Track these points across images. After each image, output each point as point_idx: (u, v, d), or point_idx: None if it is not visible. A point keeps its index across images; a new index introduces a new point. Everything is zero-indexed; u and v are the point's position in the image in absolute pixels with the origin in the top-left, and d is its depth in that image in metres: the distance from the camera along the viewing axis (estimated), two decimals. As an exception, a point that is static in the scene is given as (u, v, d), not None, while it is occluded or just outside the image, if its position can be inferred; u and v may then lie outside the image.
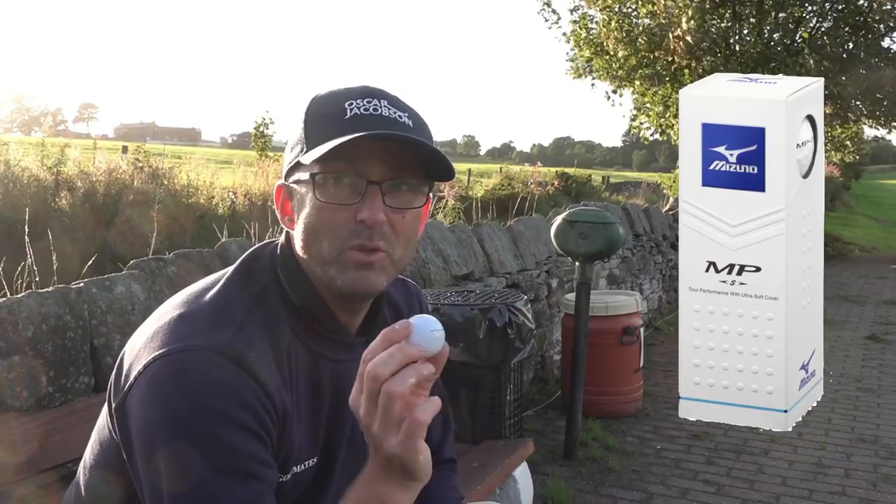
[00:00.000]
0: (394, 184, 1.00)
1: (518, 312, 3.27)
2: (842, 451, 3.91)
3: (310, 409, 1.06)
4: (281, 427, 0.99)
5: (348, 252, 0.99)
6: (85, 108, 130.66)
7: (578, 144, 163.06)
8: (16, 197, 6.16)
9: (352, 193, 0.98)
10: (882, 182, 42.58)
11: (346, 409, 1.08)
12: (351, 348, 1.09)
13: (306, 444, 1.06)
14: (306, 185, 1.00)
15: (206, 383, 0.92)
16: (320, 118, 1.01)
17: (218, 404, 0.91)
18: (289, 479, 1.04)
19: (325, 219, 0.99)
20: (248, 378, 0.94)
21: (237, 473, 0.92)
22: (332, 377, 1.08)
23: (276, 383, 0.98)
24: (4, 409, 1.86)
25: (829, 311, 7.98)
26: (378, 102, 1.00)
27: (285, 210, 1.06)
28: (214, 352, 0.94)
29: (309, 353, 1.05)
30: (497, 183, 14.18)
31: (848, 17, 13.62)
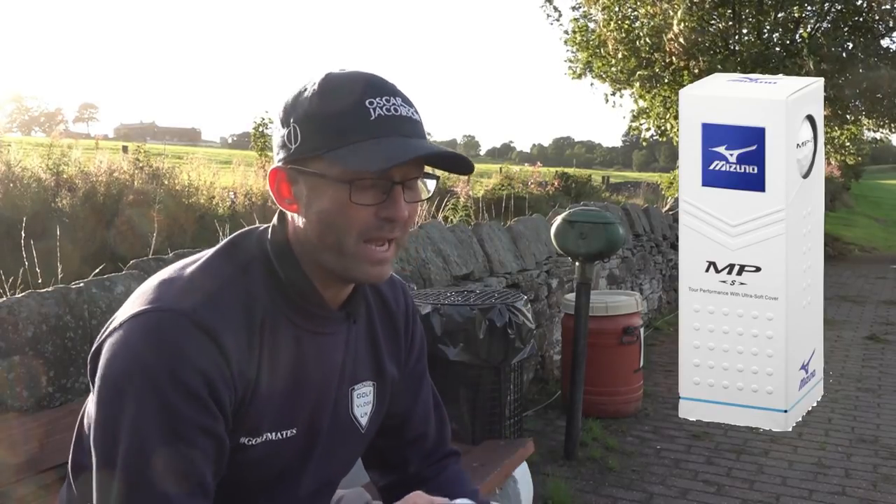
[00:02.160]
0: (410, 182, 1.06)
1: (518, 312, 3.27)
2: (842, 451, 3.91)
3: (289, 379, 1.09)
4: (242, 392, 1.03)
5: (363, 246, 1.05)
6: (85, 108, 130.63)
7: (578, 144, 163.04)
8: (16, 197, 6.16)
9: (378, 195, 1.03)
10: (882, 182, 42.60)
11: (331, 382, 1.14)
12: (333, 322, 1.15)
13: (283, 413, 1.09)
14: (329, 181, 1.03)
15: (164, 343, 0.98)
16: (341, 114, 1.02)
17: (171, 364, 0.97)
18: (259, 443, 1.07)
19: (350, 216, 1.03)
20: (207, 341, 0.99)
21: (172, 434, 0.97)
22: (317, 350, 1.13)
23: (239, 350, 1.02)
24: (4, 409, 1.86)
25: (829, 311, 7.98)
26: (395, 101, 1.04)
27: (283, 192, 1.08)
28: (179, 313, 0.99)
29: (291, 326, 1.10)
30: (497, 183, 14.17)
31: (847, 18, 13.62)
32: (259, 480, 1.11)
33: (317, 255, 1.07)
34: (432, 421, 1.37)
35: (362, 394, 1.21)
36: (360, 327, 1.21)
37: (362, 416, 1.21)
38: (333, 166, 1.02)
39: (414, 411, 1.33)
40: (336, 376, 1.16)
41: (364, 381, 1.21)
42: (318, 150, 1.02)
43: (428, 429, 1.35)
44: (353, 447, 1.23)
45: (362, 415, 1.21)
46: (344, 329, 1.17)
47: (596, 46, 14.03)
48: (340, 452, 1.21)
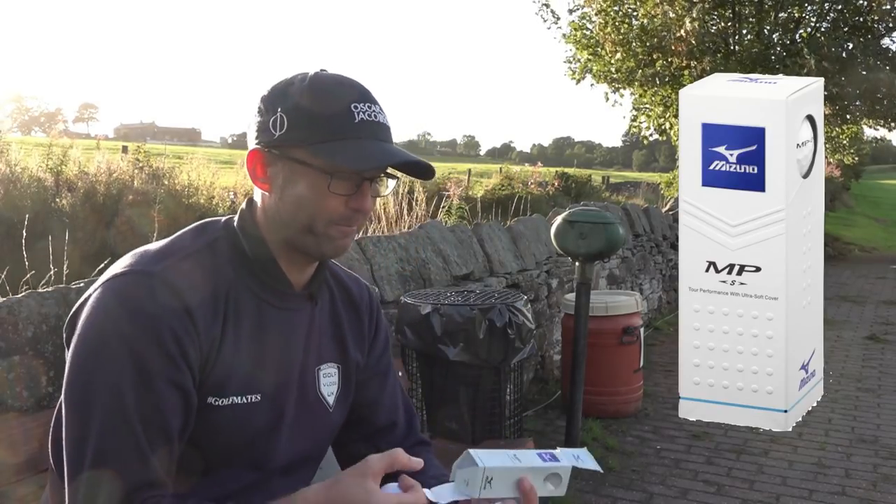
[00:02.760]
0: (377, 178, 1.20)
1: (518, 312, 3.27)
2: (842, 451, 3.91)
3: (251, 347, 1.18)
4: (207, 350, 1.12)
5: (333, 227, 1.16)
6: (85, 108, 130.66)
7: (578, 144, 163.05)
8: (16, 197, 6.16)
9: (350, 186, 1.15)
10: (882, 182, 42.57)
11: (295, 357, 1.23)
12: (294, 299, 1.24)
13: (247, 378, 1.17)
14: (308, 168, 1.14)
15: (135, 301, 1.07)
16: (329, 116, 1.14)
17: (141, 320, 1.06)
18: (228, 405, 1.14)
19: (322, 203, 1.15)
20: (174, 299, 1.09)
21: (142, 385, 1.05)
22: (278, 322, 1.22)
23: (204, 311, 1.12)
24: (4, 409, 1.86)
25: (829, 311, 7.98)
26: (375, 108, 1.17)
27: (258, 172, 1.18)
28: (148, 275, 1.09)
29: (254, 298, 1.19)
30: (497, 183, 14.17)
31: (847, 18, 13.62)
32: (232, 444, 1.16)
33: (285, 232, 1.18)
34: (401, 411, 1.43)
35: (328, 374, 1.30)
36: (324, 312, 1.31)
37: (329, 396, 1.29)
38: (317, 157, 1.13)
39: (381, 401, 1.40)
40: (300, 352, 1.25)
41: (329, 362, 1.30)
42: (304, 140, 1.13)
43: (397, 418, 1.42)
44: (323, 425, 1.30)
45: (329, 394, 1.29)
46: (307, 308, 1.26)
47: (594, 46, 14.04)
48: (311, 429, 1.27)
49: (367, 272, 3.49)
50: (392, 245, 3.78)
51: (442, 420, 3.26)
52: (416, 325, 3.15)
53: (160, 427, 1.06)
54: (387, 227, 5.53)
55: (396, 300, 3.46)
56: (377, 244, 3.68)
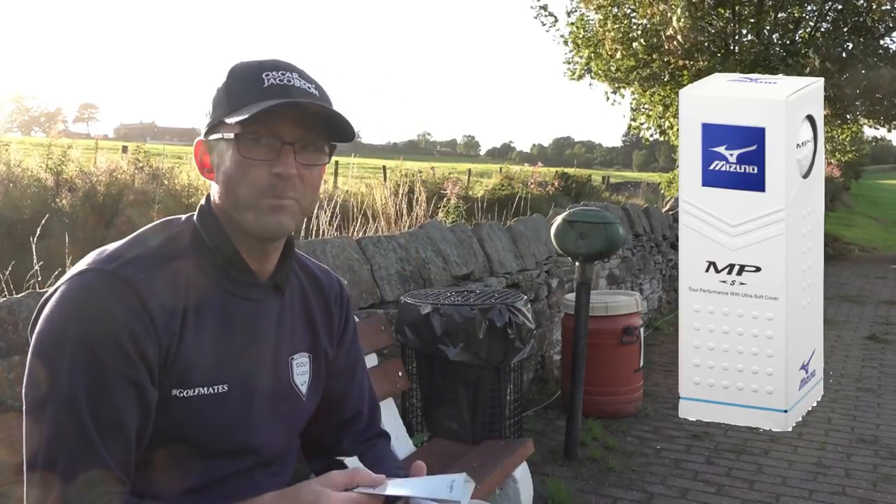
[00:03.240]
0: (303, 144, 1.17)
1: (518, 312, 3.27)
2: (842, 451, 3.91)
3: (216, 338, 1.18)
4: (167, 344, 1.12)
5: (263, 199, 1.15)
6: (85, 108, 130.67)
7: (578, 144, 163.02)
8: (16, 197, 6.17)
9: (269, 152, 1.15)
10: (882, 182, 42.59)
11: (260, 346, 1.24)
12: (260, 289, 1.24)
13: (212, 369, 1.17)
14: (229, 143, 1.16)
15: (91, 299, 1.08)
16: (241, 85, 1.16)
17: (97, 318, 1.07)
18: (193, 395, 1.15)
19: (245, 172, 1.15)
20: (129, 295, 1.09)
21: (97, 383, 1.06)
22: (243, 313, 1.22)
23: (162, 305, 1.12)
24: (4, 409, 1.86)
25: (829, 311, 7.98)
26: (290, 75, 1.17)
27: (204, 163, 1.22)
28: (105, 272, 1.10)
29: (217, 289, 1.20)
30: (497, 183, 14.17)
31: (847, 18, 13.62)
32: (205, 435, 1.17)
33: (228, 215, 1.18)
34: (366, 402, 1.45)
35: (300, 363, 1.31)
36: (295, 303, 1.31)
37: (302, 385, 1.30)
38: (227, 127, 1.15)
39: (349, 393, 1.42)
40: (271, 343, 1.25)
41: (301, 352, 1.31)
42: (220, 116, 1.16)
43: (362, 408, 1.44)
44: (296, 415, 1.31)
45: (302, 383, 1.30)
46: (274, 299, 1.26)
47: (594, 45, 14.04)
48: (287, 418, 1.29)
49: (367, 272, 3.49)
50: (392, 245, 3.78)
51: (442, 420, 3.26)
52: (416, 325, 3.15)
53: (115, 425, 1.07)
54: (387, 227, 5.53)
55: (396, 300, 3.46)
56: (377, 244, 3.68)
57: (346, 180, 11.02)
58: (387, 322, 3.12)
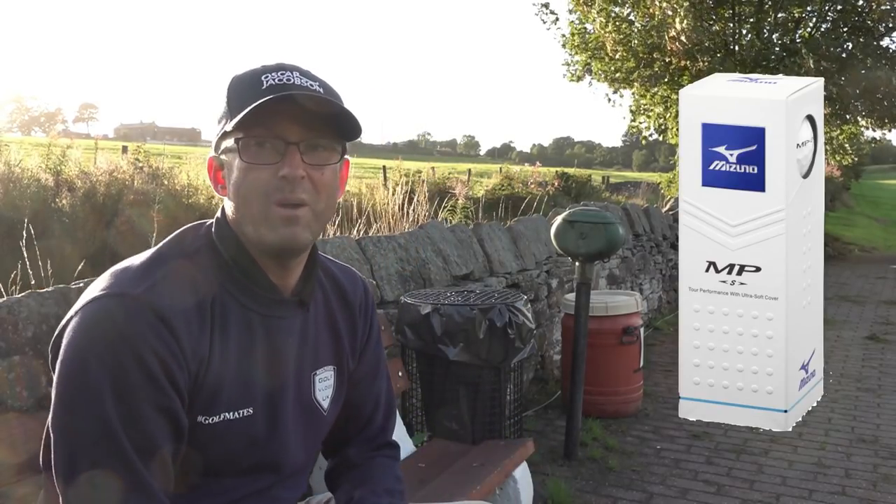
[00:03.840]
0: (310, 143, 1.11)
1: (518, 312, 3.27)
2: (842, 451, 3.91)
3: (240, 359, 1.14)
4: (196, 370, 1.08)
5: (274, 208, 1.10)
6: (85, 108, 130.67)
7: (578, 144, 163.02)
8: (16, 197, 6.16)
9: (273, 154, 1.10)
10: (882, 182, 42.57)
11: (287, 366, 1.19)
12: (284, 306, 1.19)
13: (238, 393, 1.13)
14: (233, 151, 1.11)
15: (117, 326, 1.03)
16: (240, 91, 1.12)
17: (124, 346, 1.02)
18: (219, 422, 1.11)
19: (251, 179, 1.10)
20: (157, 322, 1.04)
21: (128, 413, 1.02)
22: (267, 331, 1.17)
23: (190, 330, 1.07)
24: (4, 409, 1.86)
25: (829, 311, 7.97)
26: (291, 74, 1.12)
27: (218, 179, 1.17)
28: (130, 297, 1.05)
29: (240, 308, 1.15)
30: (497, 183, 14.17)
31: (847, 18, 13.61)
32: (229, 458, 1.14)
33: (243, 230, 1.13)
34: (381, 410, 1.42)
35: (323, 378, 1.26)
36: (319, 314, 1.26)
37: (324, 400, 1.26)
38: (230, 135, 1.11)
39: (367, 398, 1.38)
40: (293, 361, 1.21)
41: (325, 366, 1.27)
42: (225, 128, 1.12)
43: (376, 415, 1.41)
44: (317, 430, 1.28)
45: (324, 398, 1.26)
46: (298, 315, 1.21)
47: (594, 49, 14.05)
48: (308, 434, 1.25)
49: (367, 272, 3.49)
50: (392, 245, 3.78)
51: (442, 420, 3.26)
52: (416, 325, 3.15)
53: (151, 452, 1.03)
54: (387, 227, 5.53)
55: (396, 300, 3.46)
56: (377, 244, 3.68)
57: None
58: (387, 322, 3.12)
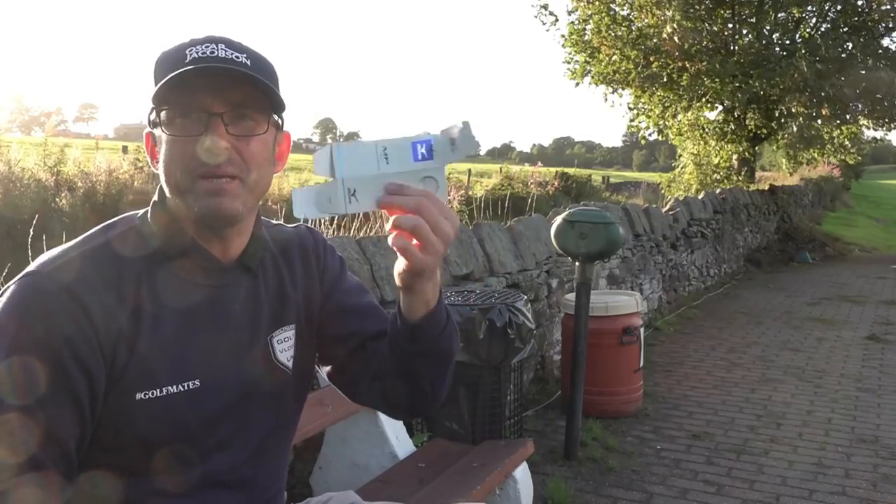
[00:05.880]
0: (236, 114, 1.09)
1: (518, 312, 3.27)
2: (842, 451, 3.91)
3: (179, 332, 1.12)
4: (113, 344, 1.07)
5: (199, 181, 1.08)
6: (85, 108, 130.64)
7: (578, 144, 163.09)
8: (16, 197, 6.17)
9: (197, 126, 1.08)
10: (882, 182, 42.56)
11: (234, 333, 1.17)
12: (226, 274, 1.18)
13: (178, 366, 1.11)
14: (158, 125, 1.10)
15: (24, 305, 1.04)
16: (164, 65, 1.09)
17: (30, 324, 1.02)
18: (161, 396, 1.09)
19: (176, 151, 1.08)
20: (67, 300, 1.04)
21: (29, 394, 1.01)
22: (210, 301, 1.16)
23: (106, 308, 1.06)
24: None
25: (829, 311, 7.99)
26: (216, 46, 1.09)
27: (153, 155, 1.15)
28: (41, 276, 1.06)
29: (175, 280, 1.13)
30: (497, 183, 14.19)
31: (847, 18, 13.62)
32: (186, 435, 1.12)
33: (175, 203, 1.12)
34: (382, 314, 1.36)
35: (283, 339, 1.25)
36: (270, 278, 1.25)
37: (288, 360, 1.25)
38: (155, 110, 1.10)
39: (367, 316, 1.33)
40: (245, 328, 1.19)
41: (284, 326, 1.25)
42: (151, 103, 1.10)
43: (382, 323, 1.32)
44: (285, 392, 1.26)
45: (287, 358, 1.25)
46: (244, 281, 1.20)
47: (591, 51, 14.09)
48: (274, 400, 1.24)
49: (367, 272, 3.48)
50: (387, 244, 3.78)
51: (442, 420, 3.26)
52: (416, 325, 3.15)
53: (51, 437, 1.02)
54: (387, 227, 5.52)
55: (396, 300, 3.46)
56: (377, 244, 3.68)
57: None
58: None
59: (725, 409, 4.60)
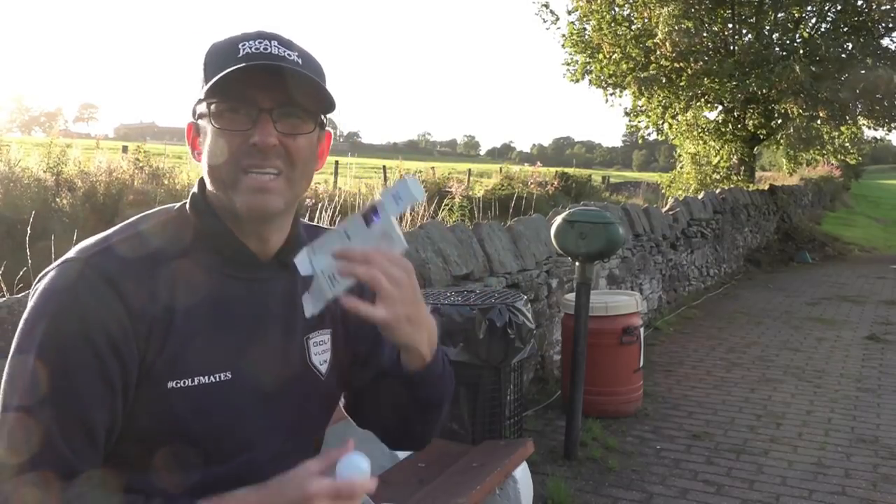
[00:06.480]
0: (284, 111, 1.10)
1: (518, 312, 3.27)
2: (842, 451, 3.91)
3: (214, 324, 1.12)
4: (148, 332, 1.07)
5: (243, 176, 1.09)
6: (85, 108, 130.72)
7: (578, 144, 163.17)
8: (16, 197, 6.17)
9: (245, 121, 1.08)
10: (882, 182, 42.56)
11: (268, 329, 1.17)
12: (264, 269, 1.18)
13: (211, 357, 1.11)
14: (206, 117, 1.10)
15: (62, 291, 1.05)
16: (216, 58, 1.10)
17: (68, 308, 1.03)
18: (192, 385, 1.09)
19: (223, 144, 1.09)
20: (102, 284, 1.05)
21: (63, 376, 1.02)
22: (247, 295, 1.16)
23: (143, 295, 1.07)
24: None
25: (829, 311, 7.99)
26: (269, 43, 1.10)
27: (195, 145, 1.16)
28: (79, 261, 1.07)
29: (215, 273, 1.13)
30: (497, 183, 14.19)
31: (847, 18, 13.62)
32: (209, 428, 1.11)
33: (215, 195, 1.13)
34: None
35: (319, 342, 1.24)
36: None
37: (321, 364, 1.23)
38: (204, 103, 1.10)
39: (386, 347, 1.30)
40: (280, 325, 1.18)
41: (321, 329, 1.24)
42: (200, 95, 1.11)
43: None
44: (316, 396, 1.24)
45: (321, 363, 1.23)
46: (282, 278, 1.19)
47: (591, 51, 14.09)
48: (301, 401, 1.22)
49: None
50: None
51: (442, 420, 3.26)
52: (416, 325, 3.15)
53: (78, 419, 1.02)
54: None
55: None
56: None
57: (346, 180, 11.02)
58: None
59: (725, 409, 4.60)
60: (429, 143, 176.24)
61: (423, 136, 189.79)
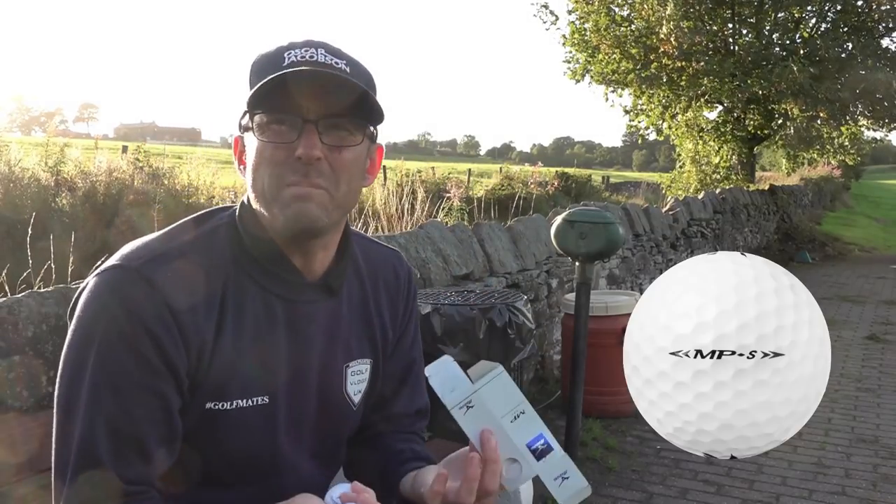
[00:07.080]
0: (329, 122, 1.04)
1: (518, 312, 3.27)
2: (842, 451, 3.91)
3: (257, 345, 1.07)
4: (198, 350, 1.02)
5: (287, 188, 1.03)
6: (85, 108, 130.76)
7: (578, 144, 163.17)
8: (16, 197, 6.17)
9: (290, 132, 1.03)
10: (882, 182, 42.56)
11: (308, 354, 1.11)
12: (309, 290, 1.12)
13: (252, 380, 1.07)
14: (250, 129, 1.06)
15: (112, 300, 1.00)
16: (261, 68, 1.05)
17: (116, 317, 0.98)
18: (231, 409, 1.05)
19: (266, 157, 1.04)
20: (152, 294, 1.00)
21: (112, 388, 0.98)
22: (290, 317, 1.11)
23: (193, 310, 1.02)
24: (4, 409, 1.86)
25: (829, 311, 7.99)
26: (315, 51, 1.05)
27: (241, 160, 1.12)
28: (128, 269, 1.01)
29: (259, 290, 1.08)
30: (497, 183, 14.19)
31: (847, 18, 13.63)
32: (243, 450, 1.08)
33: (260, 214, 1.07)
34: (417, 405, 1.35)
35: (357, 371, 1.19)
36: (353, 302, 1.19)
37: (356, 395, 1.20)
38: (248, 114, 1.06)
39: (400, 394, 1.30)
40: (321, 349, 1.14)
41: (361, 359, 1.20)
42: (245, 107, 1.06)
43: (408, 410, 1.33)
44: (346, 425, 1.21)
45: (355, 392, 1.19)
46: (326, 302, 1.14)
47: (591, 51, 14.10)
48: (333, 430, 1.19)
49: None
50: (392, 244, 3.78)
51: (442, 420, 3.25)
52: (416, 325, 3.15)
53: (131, 436, 0.98)
54: (387, 227, 5.53)
55: (396, 300, 3.45)
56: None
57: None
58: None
59: (725, 409, 4.60)
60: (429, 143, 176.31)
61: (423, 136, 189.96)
